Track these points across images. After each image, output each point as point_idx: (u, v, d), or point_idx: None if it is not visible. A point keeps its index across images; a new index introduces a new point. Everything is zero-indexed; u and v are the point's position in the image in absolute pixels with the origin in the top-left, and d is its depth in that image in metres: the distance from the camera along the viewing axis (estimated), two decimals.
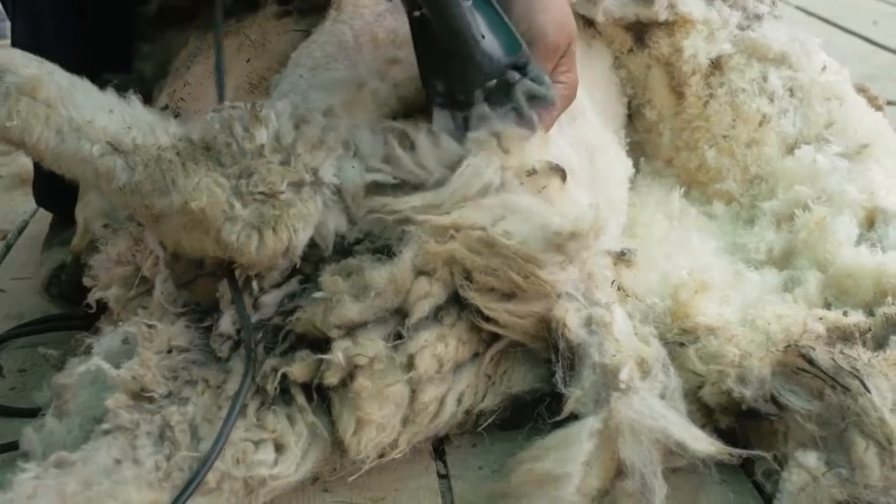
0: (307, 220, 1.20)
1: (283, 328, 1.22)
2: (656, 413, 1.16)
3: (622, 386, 1.18)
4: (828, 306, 1.35)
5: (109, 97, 1.22)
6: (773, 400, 1.20)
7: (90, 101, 1.20)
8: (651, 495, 1.13)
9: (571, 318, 1.22)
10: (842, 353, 1.20)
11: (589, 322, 1.22)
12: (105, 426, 1.13)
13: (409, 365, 1.19)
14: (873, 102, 1.80)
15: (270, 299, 1.25)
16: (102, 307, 1.36)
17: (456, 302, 1.23)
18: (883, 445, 1.12)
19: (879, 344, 1.24)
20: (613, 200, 1.42)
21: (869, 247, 1.40)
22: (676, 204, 1.61)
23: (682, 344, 1.29)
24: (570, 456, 1.14)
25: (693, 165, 1.67)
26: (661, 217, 1.58)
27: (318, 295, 1.21)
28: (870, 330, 1.24)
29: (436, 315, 1.23)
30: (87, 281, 1.37)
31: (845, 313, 1.28)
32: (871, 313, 1.29)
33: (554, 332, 1.22)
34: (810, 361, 1.19)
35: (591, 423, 1.16)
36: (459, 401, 1.25)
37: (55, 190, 1.31)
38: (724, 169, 1.65)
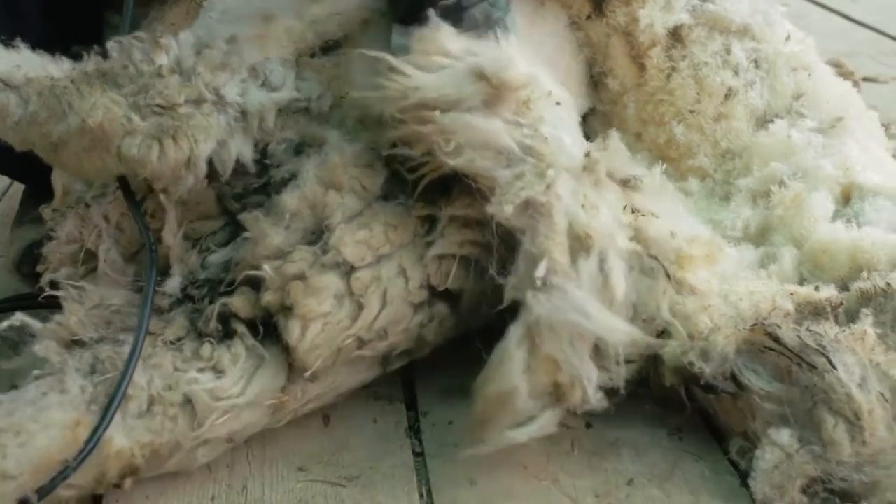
0: (208, 132, 1.22)
1: (226, 279, 1.24)
2: (576, 306, 1.15)
3: (538, 283, 1.15)
4: (803, 282, 1.34)
5: None
6: (734, 378, 1.20)
7: None
8: (587, 384, 1.14)
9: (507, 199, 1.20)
10: (808, 330, 1.19)
11: (526, 207, 1.19)
12: (36, 372, 1.14)
13: (338, 257, 1.22)
14: (848, 77, 1.79)
15: (217, 258, 1.27)
16: None
17: (376, 200, 1.26)
18: (852, 422, 1.12)
19: (853, 318, 1.23)
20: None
21: (844, 222, 1.39)
22: (658, 179, 1.58)
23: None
24: (510, 370, 1.14)
25: (662, 141, 1.65)
26: None
27: (246, 235, 1.24)
28: (842, 304, 1.24)
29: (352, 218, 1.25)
30: (39, 267, 1.37)
31: (817, 288, 1.28)
32: (845, 288, 1.28)
33: (489, 219, 1.22)
34: (776, 339, 1.19)
35: (516, 332, 1.15)
36: (405, 279, 1.25)
37: (22, 156, 1.30)
38: (694, 144, 1.62)
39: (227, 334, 1.21)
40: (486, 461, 1.23)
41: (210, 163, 1.25)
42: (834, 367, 1.14)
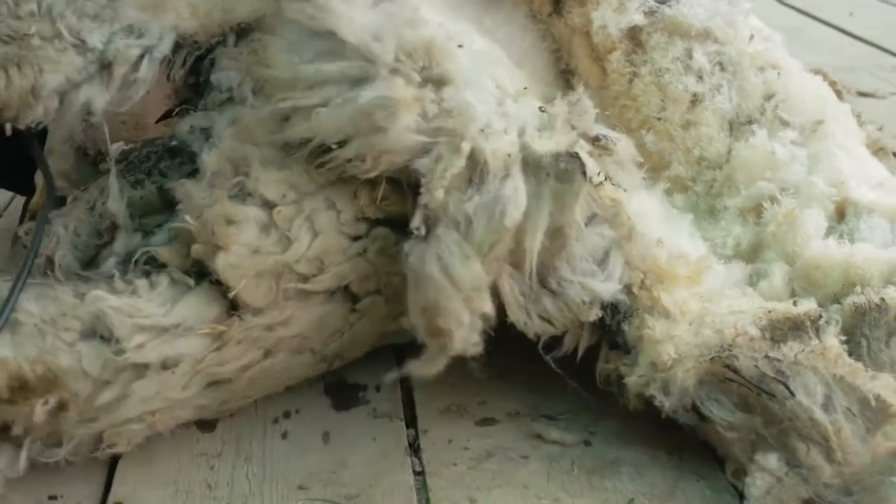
0: (56, 65, 1.23)
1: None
2: (440, 257, 1.15)
3: (415, 233, 1.17)
4: (795, 298, 1.32)
5: None
6: (696, 409, 1.20)
7: None
8: (465, 331, 1.16)
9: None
10: (766, 357, 1.17)
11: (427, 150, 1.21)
12: None
13: (257, 196, 1.24)
14: (833, 87, 1.76)
15: (159, 239, 1.28)
16: None
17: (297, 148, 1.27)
18: (822, 444, 1.11)
19: (849, 333, 1.23)
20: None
21: (837, 238, 1.38)
22: (632, 147, 1.52)
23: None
24: (411, 309, 1.18)
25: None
26: None
27: (179, 206, 1.27)
28: (821, 317, 1.22)
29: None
30: None
31: (794, 303, 1.26)
32: (838, 304, 1.27)
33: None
34: (734, 370, 1.18)
35: (408, 275, 1.18)
36: (336, 211, 1.26)
37: (22, 169, 1.32)
38: (666, 153, 1.59)
39: (151, 273, 1.23)
40: (487, 480, 1.23)
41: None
42: (792, 394, 1.13)
